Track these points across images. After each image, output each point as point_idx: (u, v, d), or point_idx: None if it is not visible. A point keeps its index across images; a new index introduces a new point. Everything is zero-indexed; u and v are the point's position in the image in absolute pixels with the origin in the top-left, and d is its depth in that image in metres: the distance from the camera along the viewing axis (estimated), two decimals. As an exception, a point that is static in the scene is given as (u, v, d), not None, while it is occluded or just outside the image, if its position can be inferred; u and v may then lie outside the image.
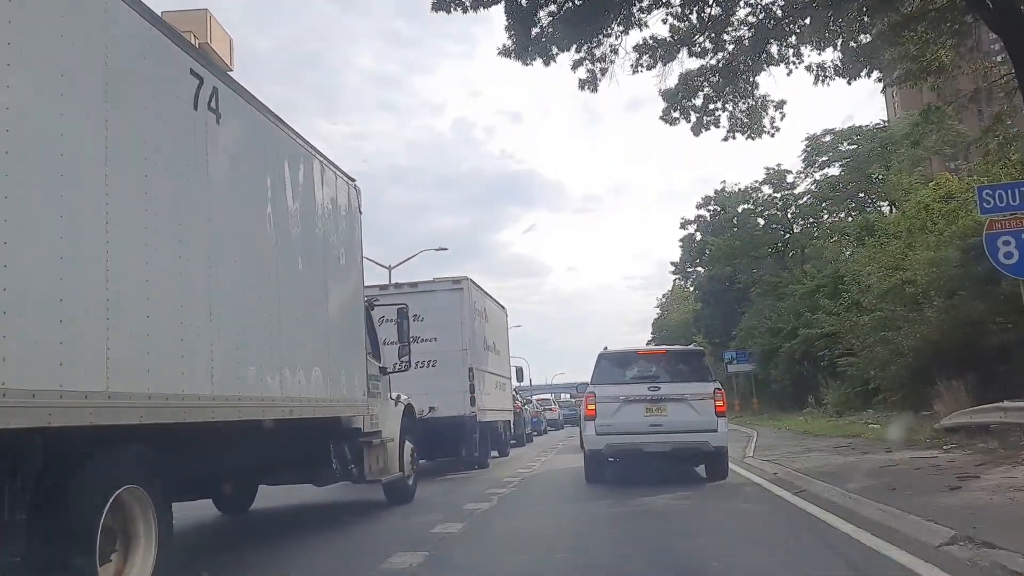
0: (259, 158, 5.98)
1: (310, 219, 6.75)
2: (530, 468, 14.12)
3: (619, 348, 12.73)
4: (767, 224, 40.28)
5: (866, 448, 12.72)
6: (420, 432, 11.85)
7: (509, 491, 10.36)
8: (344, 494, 9.66)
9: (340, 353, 7.27)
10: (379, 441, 8.37)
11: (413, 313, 12.66)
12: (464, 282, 14.37)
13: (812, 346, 29.72)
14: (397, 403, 9.28)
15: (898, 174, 29.85)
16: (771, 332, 34.90)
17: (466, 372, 13.72)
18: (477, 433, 13.70)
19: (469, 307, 14.20)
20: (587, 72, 15.00)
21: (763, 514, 7.64)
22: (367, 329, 8.67)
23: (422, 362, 12.73)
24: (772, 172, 39.19)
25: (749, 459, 13.08)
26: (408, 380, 12.26)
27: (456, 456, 13.78)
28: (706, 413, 10.49)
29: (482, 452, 14.29)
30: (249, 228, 5.69)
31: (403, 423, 9.20)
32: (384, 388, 8.99)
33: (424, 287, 14.73)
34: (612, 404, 10.64)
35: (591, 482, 10.77)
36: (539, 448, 22.55)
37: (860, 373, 23.60)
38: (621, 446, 10.54)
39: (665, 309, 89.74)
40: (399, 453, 8.90)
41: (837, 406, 25.11)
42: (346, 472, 7.57)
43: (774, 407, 39.26)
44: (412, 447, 9.43)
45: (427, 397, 12.51)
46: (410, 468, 9.29)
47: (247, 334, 5.53)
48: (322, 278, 7.02)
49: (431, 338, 13.46)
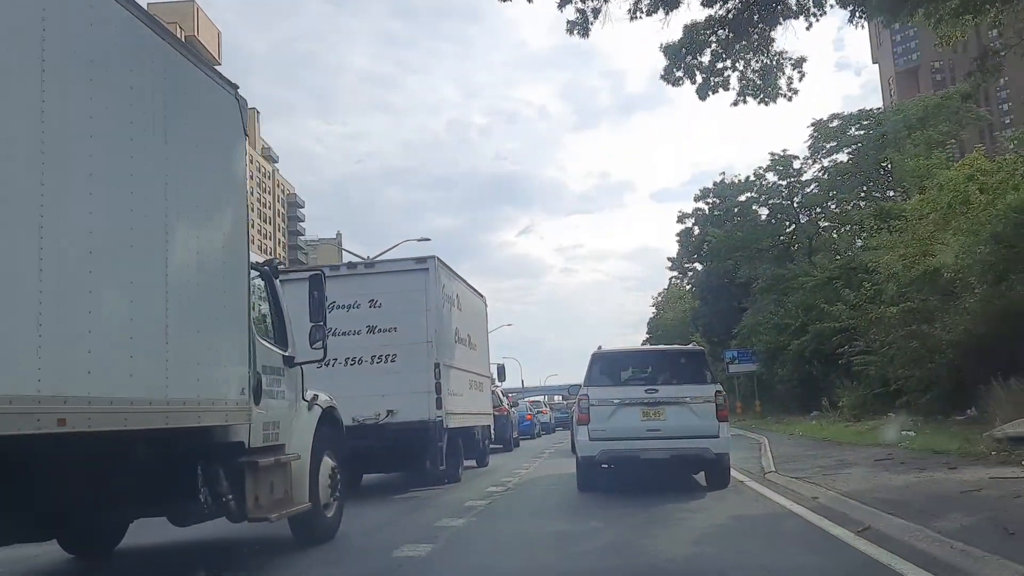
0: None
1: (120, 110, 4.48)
2: (505, 484, 12.24)
3: (614, 348, 12.01)
4: (771, 214, 37.63)
5: (918, 462, 10.36)
6: (373, 441, 10.83)
7: (469, 521, 8.18)
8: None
9: (194, 333, 5.17)
10: (274, 460, 6.19)
11: (369, 298, 11.93)
12: (430, 261, 12.55)
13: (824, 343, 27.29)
14: (312, 407, 7.25)
15: (915, 158, 27.42)
16: (777, 329, 32.57)
17: (431, 368, 11.87)
18: (444, 442, 11.88)
19: (436, 291, 12.42)
20: (577, 12, 12.62)
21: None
22: (270, 303, 6.95)
23: (379, 356, 11.75)
24: (778, 158, 36.64)
25: (773, 476, 10.93)
26: (362, 378, 11.40)
27: (419, 469, 11.92)
28: (707, 417, 10.05)
29: (451, 464, 12.31)
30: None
31: (320, 434, 7.12)
32: (291, 386, 6.95)
33: (382, 267, 13.26)
34: (606, 407, 10.20)
35: (583, 490, 10.23)
36: (526, 455, 20.86)
37: (880, 372, 21.62)
38: (616, 452, 10.11)
39: (661, 308, 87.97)
40: (311, 476, 6.78)
41: (854, 409, 22.86)
42: (220, 506, 5.58)
43: (778, 410, 37.11)
44: (334, 466, 7.33)
45: (384, 398, 11.41)
46: (330, 496, 7.15)
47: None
48: (159, 217, 4.77)
49: (390, 328, 11.90)
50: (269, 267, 6.93)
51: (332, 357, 10.50)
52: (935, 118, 32.04)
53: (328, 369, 10.06)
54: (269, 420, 6.25)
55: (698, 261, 51.42)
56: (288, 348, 6.92)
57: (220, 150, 5.72)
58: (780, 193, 37.53)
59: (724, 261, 39.68)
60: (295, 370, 6.99)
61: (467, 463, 14.39)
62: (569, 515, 8.56)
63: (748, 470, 11.74)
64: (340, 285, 11.57)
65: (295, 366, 6.99)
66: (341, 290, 11.52)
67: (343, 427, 7.91)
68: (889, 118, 33.82)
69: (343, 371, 11.17)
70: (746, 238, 37.91)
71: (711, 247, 40.23)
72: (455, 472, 12.70)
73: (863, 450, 13.33)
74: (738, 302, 42.45)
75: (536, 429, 34.61)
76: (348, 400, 10.06)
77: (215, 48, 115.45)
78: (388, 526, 8.22)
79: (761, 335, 34.79)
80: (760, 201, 38.51)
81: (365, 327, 11.78)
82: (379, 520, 8.55)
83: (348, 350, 11.44)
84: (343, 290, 11.66)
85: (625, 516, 7.94)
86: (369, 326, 11.80)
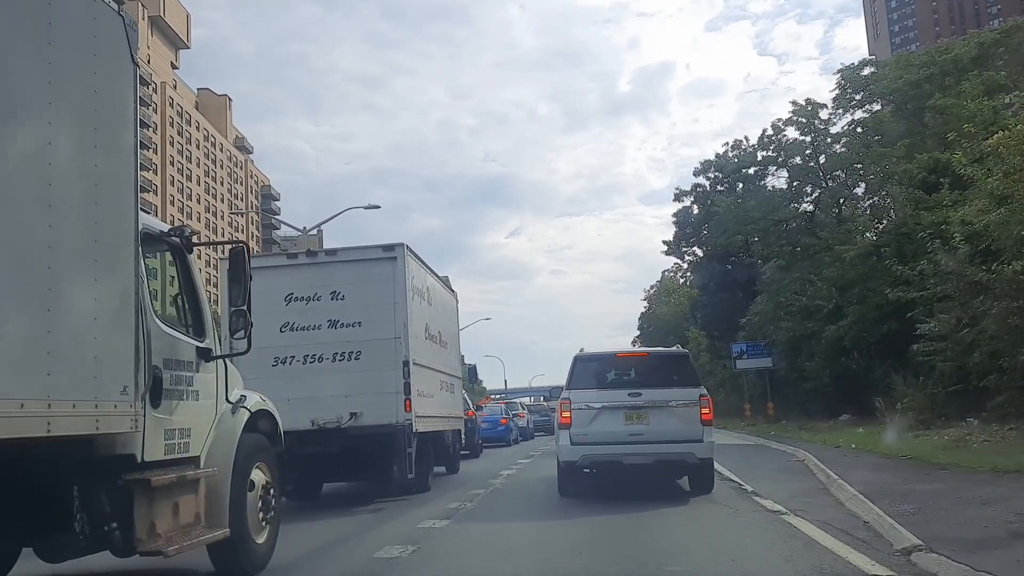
0: None
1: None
2: (472, 498, 11.38)
3: (596, 350, 12.11)
4: (792, 177, 31.84)
5: None
6: (334, 447, 10.80)
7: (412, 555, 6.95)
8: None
9: (42, 312, 4.14)
10: (176, 477, 5.52)
11: (331, 290, 11.54)
12: (398, 249, 11.96)
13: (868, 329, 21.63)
14: (236, 410, 6.50)
15: (977, 100, 22.08)
16: (803, 313, 26.77)
17: (399, 367, 11.38)
18: (413, 447, 11.33)
19: (405, 283, 11.83)
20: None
21: None
22: (181, 283, 6.20)
23: (342, 354, 11.37)
24: (801, 108, 30.83)
25: (925, 559, 6.01)
26: (323, 377, 11.15)
27: (385, 477, 11.45)
28: (691, 422, 10.25)
29: (420, 472, 11.83)
30: None
31: (247, 443, 6.45)
32: (208, 385, 6.23)
33: (345, 255, 12.41)
34: (588, 411, 10.44)
35: (565, 496, 10.72)
36: (496, 462, 19.59)
37: (956, 364, 17.81)
38: (598, 457, 10.37)
39: (653, 302, 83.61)
40: (233, 495, 6.10)
41: (921, 413, 18.72)
42: (100, 536, 4.93)
43: (796, 412, 32.66)
44: (267, 482, 6.76)
45: (347, 400, 11.05)
46: (259, 519, 6.53)
47: None
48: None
49: (353, 322, 11.48)
50: (180, 237, 6.14)
51: (290, 354, 11.15)
52: (993, 57, 26.46)
53: (285, 367, 11.00)
54: (175, 427, 5.67)
55: (697, 245, 45.60)
56: (205, 338, 6.24)
57: (96, 79, 4.68)
58: (803, 151, 31.46)
59: (733, 237, 33.87)
60: (215, 366, 6.33)
61: (437, 469, 14.46)
62: (543, 535, 8.17)
63: (847, 530, 7.56)
64: (299, 275, 11.72)
65: (214, 360, 6.31)
66: (300, 281, 11.61)
67: (280, 434, 7.29)
68: (935, 59, 28.14)
69: (302, 370, 11.23)
70: (760, 205, 32.01)
71: (718, 220, 34.39)
72: (424, 481, 12.39)
73: (1010, 481, 9.48)
74: (742, 292, 38.94)
75: (513, 435, 31.59)
76: (307, 401, 10.59)
77: (183, 30, 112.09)
78: (338, 546, 7.78)
79: (781, 322, 29.02)
80: (779, 162, 32.48)
81: (326, 321, 11.48)
82: (330, 538, 8.19)
83: (307, 346, 11.37)
84: (302, 281, 11.64)
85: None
86: (331, 320, 11.48)
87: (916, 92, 29.88)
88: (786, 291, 30.53)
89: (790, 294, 29.96)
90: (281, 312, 11.28)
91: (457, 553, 7.59)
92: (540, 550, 7.44)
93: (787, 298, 29.91)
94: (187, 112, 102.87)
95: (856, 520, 8.01)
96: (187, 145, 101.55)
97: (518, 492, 12.92)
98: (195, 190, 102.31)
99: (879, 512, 7.79)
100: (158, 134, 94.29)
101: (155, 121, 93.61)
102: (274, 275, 11.42)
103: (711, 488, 10.54)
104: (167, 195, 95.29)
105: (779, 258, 33.53)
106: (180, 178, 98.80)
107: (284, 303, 11.39)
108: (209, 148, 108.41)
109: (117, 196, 4.83)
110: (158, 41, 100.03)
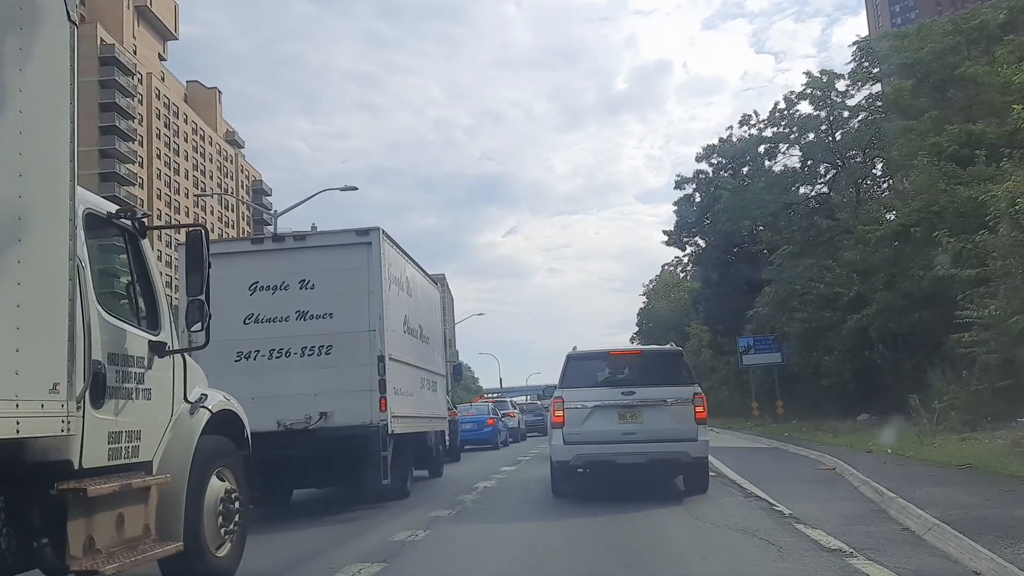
0: None
1: None
2: (453, 507, 10.54)
3: (589, 348, 12.31)
4: (805, 156, 29.49)
5: None
6: (302, 450, 10.13)
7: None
8: None
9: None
10: (119, 486, 5.04)
11: (300, 278, 10.86)
12: (373, 234, 11.15)
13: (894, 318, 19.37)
14: (196, 410, 6.12)
15: (1014, 67, 20.33)
16: (819, 302, 24.49)
17: (373, 363, 10.65)
18: (389, 450, 10.64)
19: (381, 271, 11.05)
20: None
21: None
22: (132, 269, 5.86)
23: (311, 348, 10.72)
24: (815, 79, 28.53)
25: None
26: (290, 373, 10.67)
27: (358, 483, 10.95)
28: (685, 420, 10.23)
29: (397, 477, 11.06)
30: None
31: (206, 447, 6.07)
32: (161, 382, 5.84)
33: (316, 240, 11.77)
34: (581, 410, 10.36)
35: (558, 495, 10.81)
36: (476, 469, 18.01)
37: (1003, 356, 15.58)
38: (591, 456, 10.39)
39: (652, 297, 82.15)
40: (188, 504, 5.77)
41: (966, 413, 16.55)
42: (29, 554, 4.61)
43: (809, 411, 30.72)
44: (230, 489, 6.38)
45: (317, 398, 10.47)
46: (219, 530, 6.13)
47: None
48: None
49: (324, 313, 10.82)
50: (131, 219, 5.79)
51: (254, 348, 10.61)
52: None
53: (249, 363, 10.54)
54: (121, 430, 5.30)
55: (700, 235, 43.35)
56: (160, 331, 5.90)
57: (23, 35, 4.30)
58: (818, 127, 29.08)
59: (740, 222, 31.64)
60: (171, 362, 5.99)
61: (419, 473, 13.95)
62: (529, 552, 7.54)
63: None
64: (265, 262, 11.10)
65: (170, 355, 5.96)
66: (266, 268, 10.99)
67: (247, 437, 6.93)
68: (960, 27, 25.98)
69: (267, 365, 10.62)
70: (770, 187, 29.77)
71: (723, 203, 32.10)
72: (402, 486, 11.72)
73: None
74: (749, 283, 36.41)
75: (502, 436, 29.49)
76: (272, 400, 10.10)
77: (171, 21, 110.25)
78: (301, 563, 7.24)
79: (795, 313, 26.86)
80: (791, 139, 30.10)
81: (295, 312, 10.78)
82: (291, 553, 7.66)
83: (274, 340, 10.73)
84: (269, 268, 10.99)
85: None
86: (299, 311, 10.75)
87: (940, 63, 27.79)
88: (800, 279, 28.69)
89: (805, 281, 28.10)
90: (245, 302, 10.80)
91: (431, 570, 7.15)
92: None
93: (803, 286, 28.10)
94: (175, 104, 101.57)
95: (959, 569, 5.77)
96: (174, 138, 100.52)
97: (497, 505, 11.55)
98: (183, 184, 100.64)
99: (993, 557, 5.58)
100: (143, 126, 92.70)
101: (140, 112, 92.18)
102: (238, 262, 10.95)
103: (706, 487, 10.69)
104: (153, 189, 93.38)
105: (790, 244, 31.47)
106: (167, 172, 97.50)
107: (248, 292, 10.89)
108: (198, 142, 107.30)
109: (48, 170, 4.55)
110: (144, 31, 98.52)
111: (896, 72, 29.62)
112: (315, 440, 10.25)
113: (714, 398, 39.68)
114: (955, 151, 22.87)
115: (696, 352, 52.11)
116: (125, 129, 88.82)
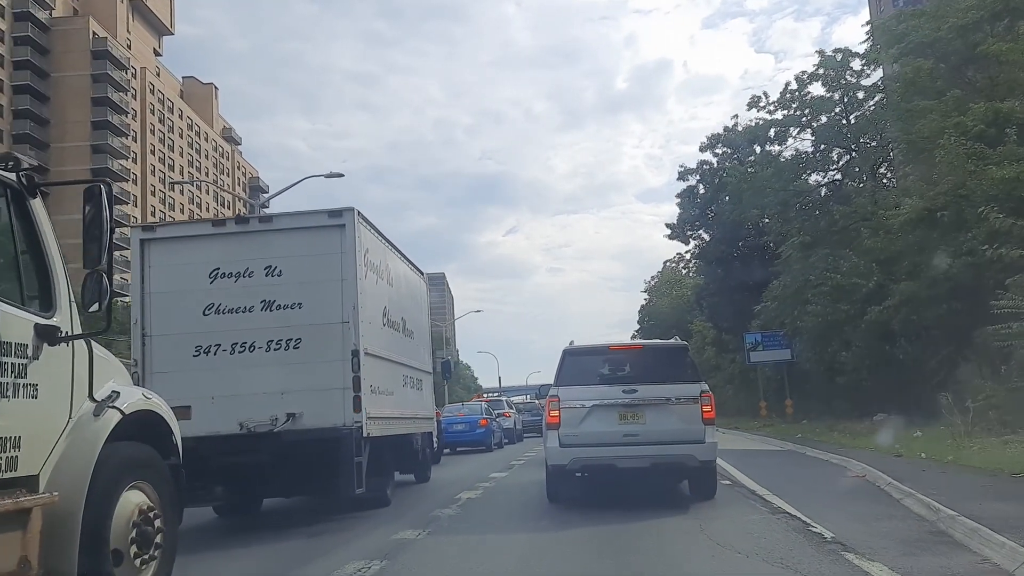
0: None
1: None
2: (424, 527, 9.05)
3: (588, 343, 11.60)
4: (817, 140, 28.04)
5: None
6: (267, 456, 9.39)
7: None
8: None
9: None
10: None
11: (266, 264, 10.05)
12: (347, 215, 10.26)
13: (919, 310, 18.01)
14: (103, 410, 5.13)
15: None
16: (834, 295, 23.09)
17: (347, 358, 9.84)
18: (364, 456, 9.76)
19: (356, 256, 10.14)
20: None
21: None
22: (15, 235, 4.92)
23: (278, 342, 9.91)
24: (828, 58, 27.06)
25: None
26: (254, 370, 9.84)
27: (329, 491, 10.14)
28: (692, 421, 9.68)
29: (374, 484, 10.22)
30: None
31: (116, 455, 5.14)
32: (53, 377, 4.87)
33: (283, 222, 10.85)
34: (579, 410, 9.87)
35: (553, 501, 10.34)
36: (463, 475, 16.60)
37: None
38: (589, 460, 9.82)
39: (654, 294, 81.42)
40: (87, 528, 4.79)
41: (1007, 413, 14.99)
42: None
43: (820, 410, 30.44)
44: (149, 507, 5.40)
45: (284, 398, 9.66)
46: (134, 558, 5.16)
47: None
48: None
49: (292, 303, 9.99)
50: (15, 173, 4.75)
51: (215, 342, 9.83)
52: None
53: (209, 358, 9.77)
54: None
55: (703, 228, 42.00)
56: (53, 312, 4.96)
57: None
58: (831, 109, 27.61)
59: (747, 211, 30.24)
60: (69, 351, 5.01)
61: (404, 477, 13.47)
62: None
63: None
64: (227, 246, 10.24)
65: (64, 342, 4.97)
66: (229, 253, 10.17)
67: (176, 443, 5.99)
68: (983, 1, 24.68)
69: (229, 360, 9.86)
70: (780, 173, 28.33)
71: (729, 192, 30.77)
72: (382, 494, 10.99)
73: None
74: (755, 277, 35.21)
75: (496, 438, 27.78)
76: (235, 399, 9.62)
77: (167, 16, 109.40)
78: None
79: (807, 306, 25.43)
80: (802, 122, 28.63)
81: (259, 302, 10.00)
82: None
83: (236, 333, 9.99)
84: (231, 253, 10.17)
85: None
86: (265, 301, 9.96)
87: (960, 42, 26.30)
88: (813, 270, 27.20)
89: (819, 273, 26.62)
90: (205, 291, 10.05)
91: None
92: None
93: (816, 277, 26.56)
94: (170, 100, 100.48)
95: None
96: (169, 134, 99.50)
97: (479, 522, 10.13)
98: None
99: None
100: (137, 121, 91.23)
101: (134, 108, 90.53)
102: (197, 246, 10.33)
103: (713, 493, 10.13)
104: (148, 185, 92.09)
105: (801, 234, 29.80)
106: (162, 168, 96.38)
107: (208, 280, 10.08)
108: (193, 138, 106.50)
109: None
110: (139, 25, 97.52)
111: (914, 51, 28.47)
112: (281, 444, 9.51)
113: (719, 397, 37.98)
114: (981, 131, 21.65)
115: (700, 350, 50.92)
116: (118, 124, 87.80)
